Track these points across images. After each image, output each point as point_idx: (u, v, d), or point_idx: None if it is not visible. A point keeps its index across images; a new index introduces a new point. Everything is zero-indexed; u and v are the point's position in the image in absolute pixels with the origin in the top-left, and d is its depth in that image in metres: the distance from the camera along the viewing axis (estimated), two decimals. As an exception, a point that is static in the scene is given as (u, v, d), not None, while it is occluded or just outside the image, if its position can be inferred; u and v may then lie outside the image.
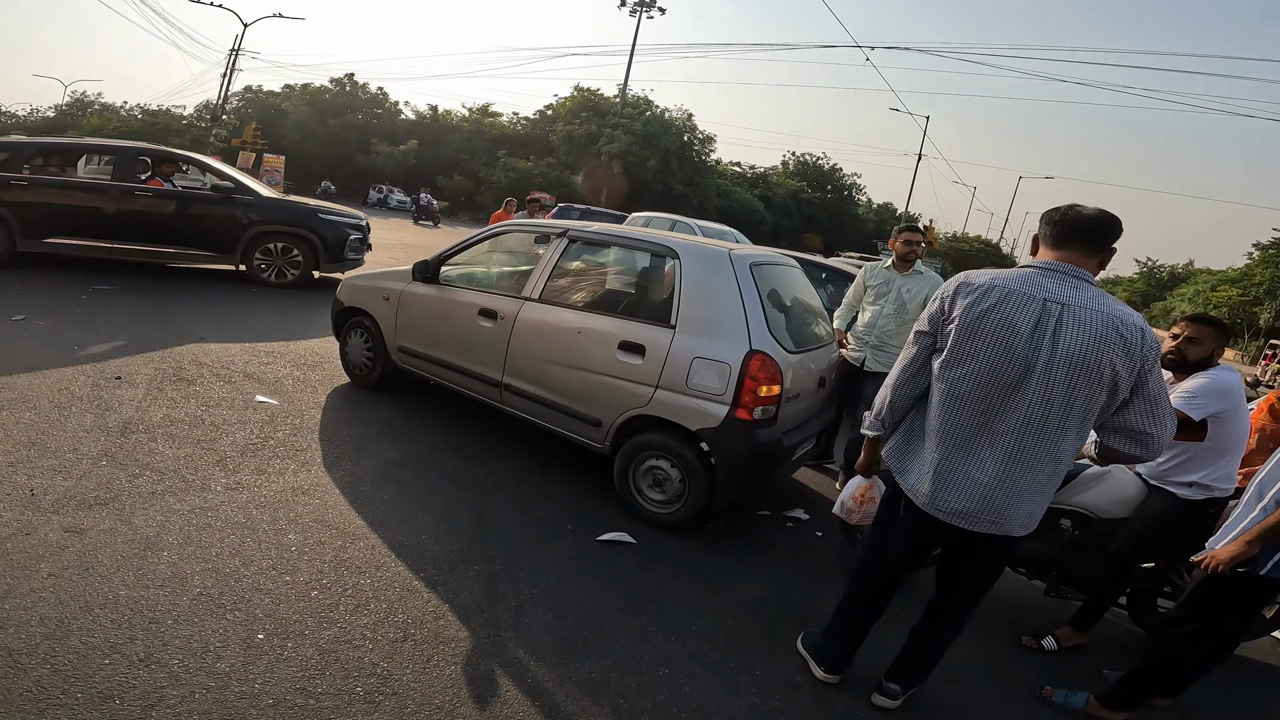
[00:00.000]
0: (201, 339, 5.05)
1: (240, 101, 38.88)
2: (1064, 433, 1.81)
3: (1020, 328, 1.76)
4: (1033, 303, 1.77)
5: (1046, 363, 1.75)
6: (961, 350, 1.84)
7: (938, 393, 1.93)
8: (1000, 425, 1.84)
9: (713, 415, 3.03)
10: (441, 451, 3.75)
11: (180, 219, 7.02)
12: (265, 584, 2.37)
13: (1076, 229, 1.83)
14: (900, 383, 2.02)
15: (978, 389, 1.84)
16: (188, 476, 3.02)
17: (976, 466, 1.88)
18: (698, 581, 2.88)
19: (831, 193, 45.63)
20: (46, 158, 6.98)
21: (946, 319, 1.89)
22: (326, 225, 7.61)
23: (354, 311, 4.53)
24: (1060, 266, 1.82)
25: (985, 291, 1.82)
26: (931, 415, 1.96)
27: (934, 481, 1.94)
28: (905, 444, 2.09)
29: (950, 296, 1.89)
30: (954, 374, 1.87)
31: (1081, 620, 2.85)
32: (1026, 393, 1.78)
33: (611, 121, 31.05)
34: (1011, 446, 1.84)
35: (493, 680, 2.11)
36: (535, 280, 3.66)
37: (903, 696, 2.26)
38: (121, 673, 1.88)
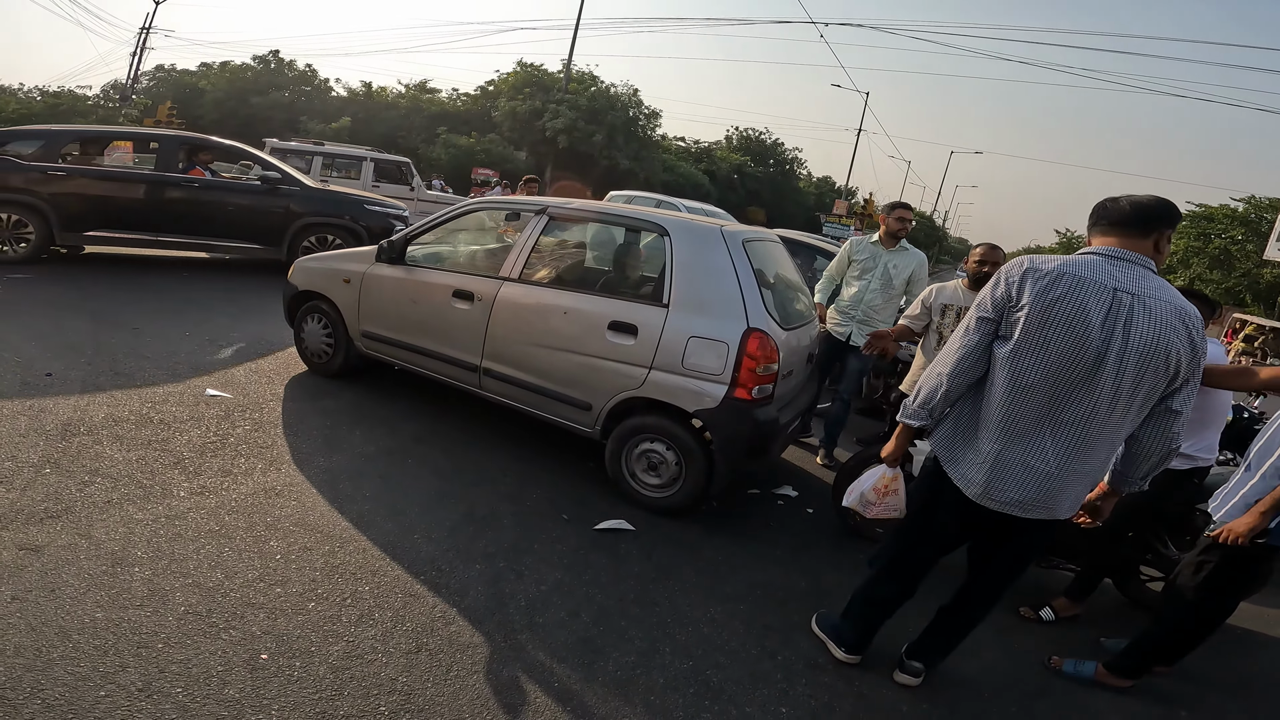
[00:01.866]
0: (136, 329, 4.64)
1: (152, 81, 36.79)
2: (1125, 421, 1.81)
3: (1093, 318, 1.72)
4: (1104, 292, 1.73)
5: (1119, 354, 1.72)
6: (1032, 339, 1.77)
7: (1000, 381, 1.84)
8: (1065, 415, 1.80)
9: (710, 396, 2.95)
10: (420, 442, 3.55)
11: (228, 211, 6.68)
12: (256, 597, 2.18)
13: (1120, 211, 1.82)
14: (959, 370, 1.89)
15: (1046, 379, 1.78)
16: (144, 482, 2.75)
17: (1037, 456, 1.84)
18: (703, 566, 2.83)
19: (774, 167, 45.97)
20: (83, 146, 6.52)
21: (1015, 305, 1.80)
22: (372, 216, 7.34)
23: (309, 296, 4.24)
24: (1124, 253, 1.79)
25: (1056, 278, 1.75)
26: (992, 404, 1.87)
27: (990, 473, 1.89)
28: (954, 433, 2.00)
29: (1018, 282, 1.80)
30: (1022, 363, 1.79)
31: (1076, 591, 2.92)
32: (1097, 383, 1.75)
33: (556, 97, 30.28)
34: (1075, 436, 1.81)
35: (518, 687, 2.00)
36: (514, 259, 3.48)
37: (924, 674, 2.27)
38: (122, 706, 1.69)
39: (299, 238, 6.94)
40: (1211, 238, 29.21)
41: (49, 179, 6.05)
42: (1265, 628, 3.12)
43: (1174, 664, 2.51)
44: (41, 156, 6.11)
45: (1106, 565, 2.93)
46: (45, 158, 6.12)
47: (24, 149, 6.13)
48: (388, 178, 13.28)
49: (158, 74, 37.57)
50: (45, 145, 6.17)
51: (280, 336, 4.81)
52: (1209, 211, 30.09)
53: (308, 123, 31.62)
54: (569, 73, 30.26)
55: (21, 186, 5.97)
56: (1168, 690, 2.52)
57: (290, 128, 31.09)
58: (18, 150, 6.12)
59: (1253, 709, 2.54)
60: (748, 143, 46.21)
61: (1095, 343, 1.72)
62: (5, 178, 5.93)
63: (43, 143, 6.19)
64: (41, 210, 6.06)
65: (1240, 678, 2.72)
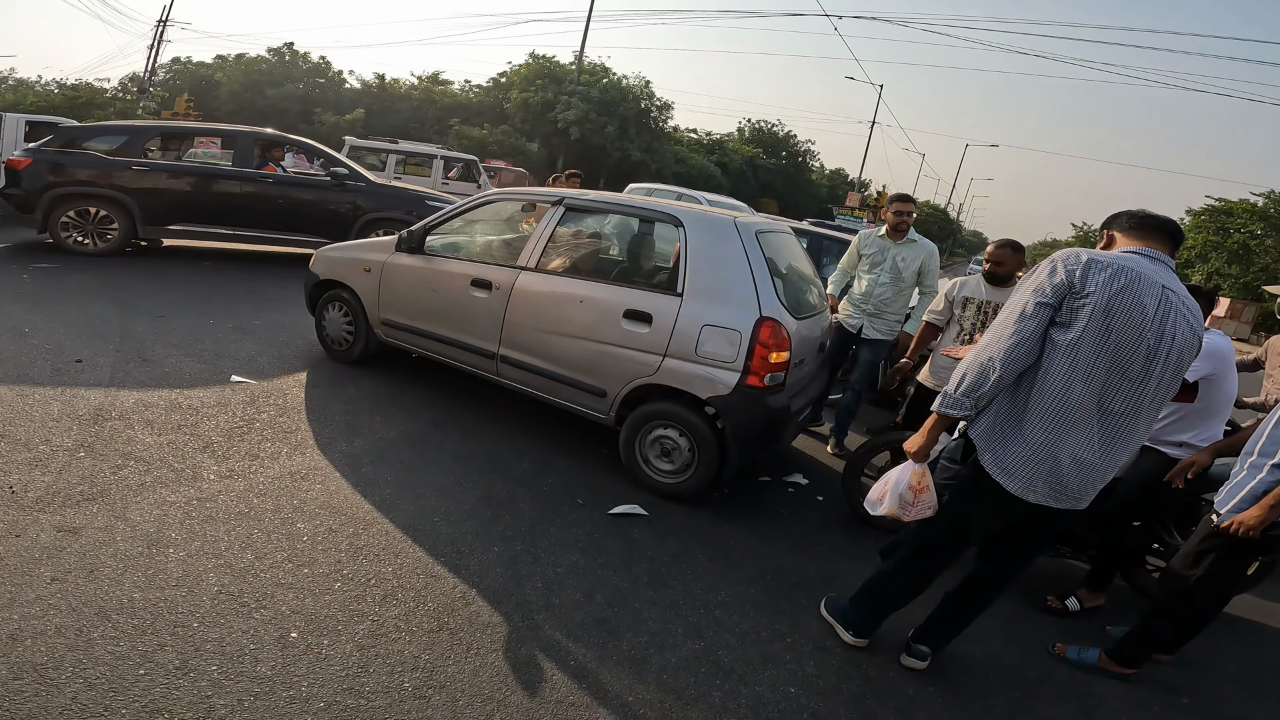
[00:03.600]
0: (161, 317, 4.75)
1: (169, 74, 37.10)
2: (1156, 414, 1.90)
3: (1149, 312, 1.75)
4: (1155, 288, 1.77)
5: (1167, 350, 1.78)
6: (1095, 329, 1.76)
7: (1060, 369, 1.81)
8: (1113, 406, 1.83)
9: (723, 383, 3.00)
10: (438, 428, 3.63)
11: (299, 206, 6.91)
12: (284, 578, 2.26)
13: (1155, 222, 1.91)
14: (1014, 356, 1.82)
15: (1104, 369, 1.79)
16: (176, 465, 2.84)
17: (1085, 448, 1.86)
18: (715, 551, 2.89)
19: (786, 159, 45.77)
20: (165, 141, 6.80)
21: (1077, 294, 1.78)
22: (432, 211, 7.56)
23: (330, 284, 4.32)
24: (1160, 255, 1.86)
25: (1117, 271, 1.76)
26: (1045, 392, 1.84)
27: (1036, 465, 1.88)
28: (995, 424, 1.94)
29: (1080, 270, 1.78)
30: (1085, 352, 1.78)
31: (1096, 582, 2.93)
32: (1148, 376, 1.80)
33: (568, 89, 30.30)
34: (1120, 428, 1.86)
35: (536, 665, 2.07)
36: (532, 249, 3.54)
37: (930, 657, 2.32)
38: (161, 683, 1.76)
39: (365, 231, 7.11)
40: (1230, 232, 28.74)
41: (133, 174, 6.25)
42: (1267, 619, 3.14)
43: (1174, 652, 2.55)
44: (125, 151, 6.32)
45: (1113, 554, 2.95)
46: (129, 153, 6.34)
47: (108, 144, 6.36)
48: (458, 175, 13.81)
49: (174, 67, 37.74)
50: (129, 140, 6.40)
51: (302, 325, 4.91)
52: (1228, 206, 29.59)
53: (322, 114, 31.74)
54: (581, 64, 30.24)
55: (108, 181, 6.18)
56: (1169, 679, 2.55)
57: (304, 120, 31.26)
58: (101, 146, 6.33)
59: (1254, 698, 2.55)
60: (760, 135, 45.99)
61: (1150, 336, 1.76)
62: (92, 173, 6.14)
63: (126, 138, 6.43)
64: (126, 204, 6.27)
65: (1242, 667, 2.74)
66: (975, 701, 2.24)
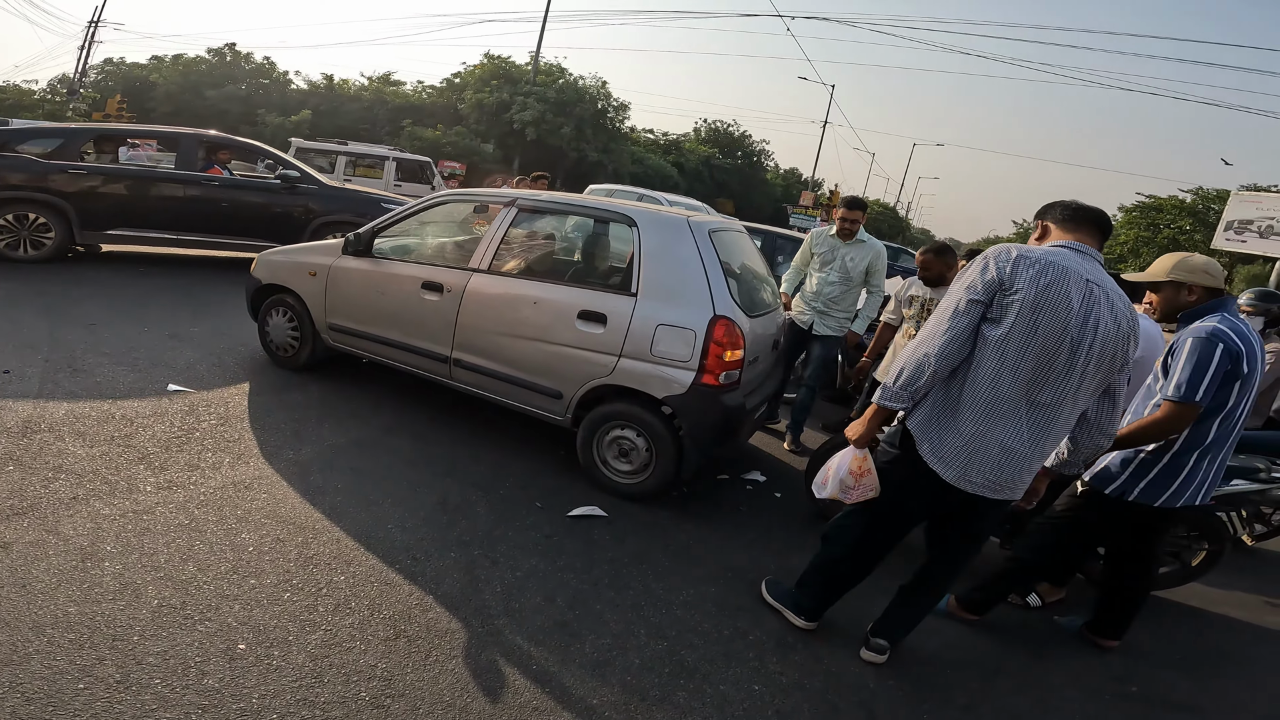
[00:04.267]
0: (92, 325, 4.52)
1: (101, 75, 35.69)
2: (1080, 405, 1.95)
3: (1074, 306, 1.81)
4: (1080, 282, 1.83)
5: (1090, 342, 1.84)
6: (1023, 323, 1.82)
7: (989, 363, 1.88)
8: (1040, 398, 1.89)
9: (679, 382, 3.01)
10: (390, 433, 3.55)
11: (247, 209, 6.66)
12: (230, 589, 2.18)
13: (1088, 214, 1.98)
14: (949, 353, 1.89)
15: (1031, 362, 1.85)
16: (110, 478, 2.71)
17: (1014, 438, 1.92)
18: (675, 550, 2.89)
19: (742, 159, 46.26)
20: (102, 144, 6.43)
21: (1007, 290, 1.84)
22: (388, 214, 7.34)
23: (273, 289, 4.19)
24: (1088, 249, 1.92)
25: (1045, 266, 1.82)
26: (976, 386, 1.91)
27: (969, 455, 1.94)
28: (931, 416, 2.01)
29: (1009, 267, 1.85)
30: (1013, 347, 1.85)
31: (1056, 576, 3.00)
32: (1072, 369, 1.86)
33: (524, 89, 30.09)
34: (1047, 419, 1.92)
35: (497, 670, 2.04)
36: (484, 251, 3.49)
37: (889, 651, 2.36)
38: (102, 697, 1.69)
39: (318, 234, 6.89)
40: (1160, 228, 30.21)
41: (70, 177, 5.94)
42: (1210, 605, 3.25)
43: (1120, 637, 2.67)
44: (61, 155, 5.99)
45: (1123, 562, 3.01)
46: (65, 156, 6.00)
47: (41, 148, 6.02)
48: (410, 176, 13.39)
49: (107, 68, 36.51)
50: (65, 143, 6.06)
51: (244, 331, 4.74)
52: (1158, 203, 31.09)
53: (266, 115, 30.89)
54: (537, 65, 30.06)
55: (43, 185, 5.86)
56: (1118, 667, 2.62)
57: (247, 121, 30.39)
58: (35, 149, 6.00)
59: (1199, 683, 2.63)
60: (716, 135, 46.40)
61: (1075, 330, 1.82)
62: (25, 176, 5.81)
63: (62, 141, 6.08)
64: (62, 210, 5.95)
65: (1187, 654, 2.82)
66: (935, 693, 2.29)
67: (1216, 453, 2.33)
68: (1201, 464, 2.33)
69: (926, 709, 2.20)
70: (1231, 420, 2.29)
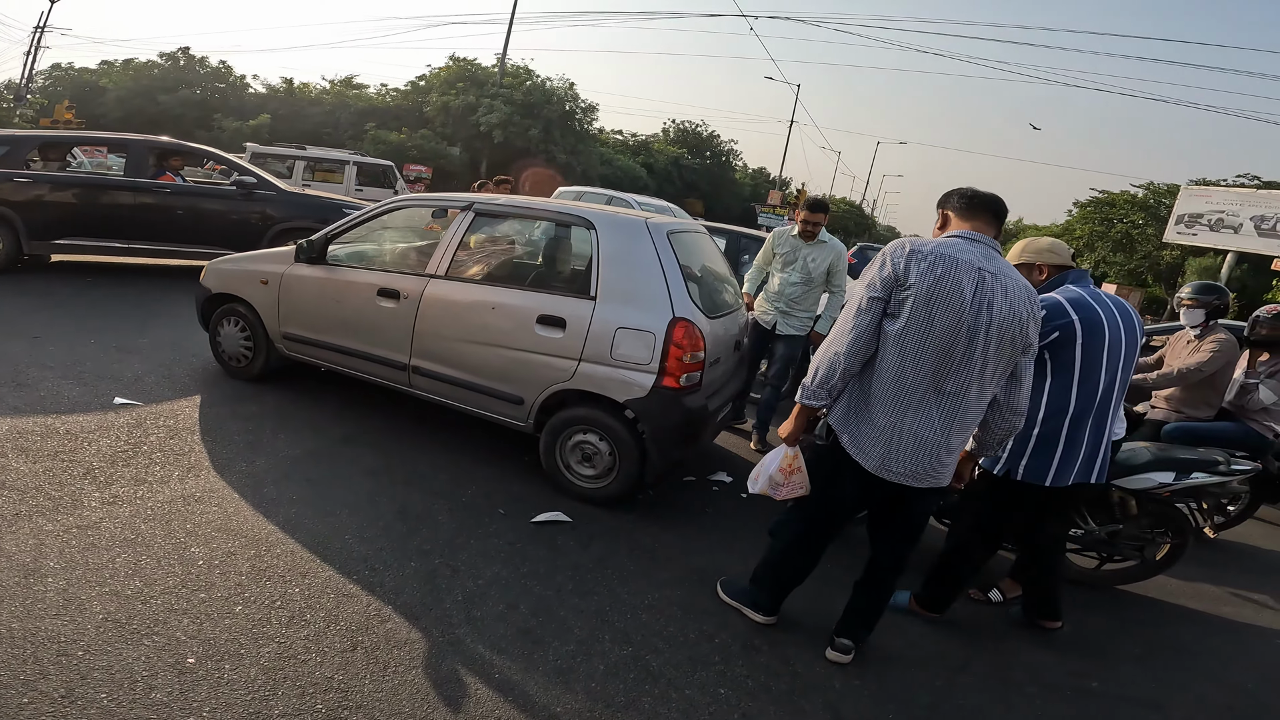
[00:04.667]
0: (36, 337, 4.36)
1: (49, 80, 34.63)
2: (989, 390, 2.02)
3: (966, 295, 1.89)
4: (972, 271, 1.90)
5: (986, 328, 1.91)
6: (919, 316, 1.90)
7: (891, 357, 1.97)
8: (946, 386, 1.96)
9: (640, 385, 3.00)
10: (349, 443, 3.49)
11: (202, 216, 6.52)
12: (178, 604, 2.13)
13: (982, 202, 2.06)
14: (856, 350, 1.99)
15: (931, 353, 1.92)
16: (53, 493, 2.63)
17: (926, 427, 1.99)
18: (641, 554, 2.88)
19: (711, 159, 46.47)
20: (48, 151, 6.25)
21: (902, 285, 1.92)
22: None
23: (224, 298, 4.08)
24: (981, 237, 2.00)
25: (936, 259, 1.90)
26: (882, 380, 1.99)
27: (886, 445, 2.02)
28: (849, 410, 2.10)
29: (904, 263, 1.93)
30: (911, 340, 1.93)
31: (1019, 572, 3.01)
32: (972, 356, 1.92)
33: (490, 91, 29.81)
34: (955, 406, 1.98)
35: (458, 680, 2.01)
36: (440, 256, 3.44)
37: (854, 650, 2.39)
38: (47, 712, 1.66)
39: (276, 241, 6.73)
40: (1114, 222, 31.10)
41: (16, 186, 5.74)
42: (1168, 597, 3.30)
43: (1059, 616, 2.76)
44: (6, 163, 5.78)
45: (1035, 544, 3.00)
46: (10, 164, 5.79)
47: None
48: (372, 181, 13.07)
49: (54, 73, 35.46)
50: (10, 151, 5.85)
51: (194, 341, 4.61)
52: (1111, 197, 32.00)
53: (223, 120, 30.21)
54: (504, 66, 29.84)
55: None
56: (1077, 663, 2.64)
57: (202, 126, 29.72)
58: None
59: (1159, 677, 2.65)
60: (685, 135, 46.53)
61: (969, 318, 1.89)
62: None
63: (7, 149, 5.87)
64: (9, 219, 5.75)
65: (1146, 648, 2.84)
66: (901, 692, 2.30)
67: (1088, 422, 2.36)
68: (1078, 435, 2.36)
69: (891, 709, 2.21)
70: (1092, 384, 2.33)
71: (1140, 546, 3.13)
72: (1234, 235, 22.84)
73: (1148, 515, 3.08)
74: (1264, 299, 19.02)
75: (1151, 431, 3.92)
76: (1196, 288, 3.92)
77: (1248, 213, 22.58)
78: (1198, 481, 2.95)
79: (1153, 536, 3.11)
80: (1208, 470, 2.97)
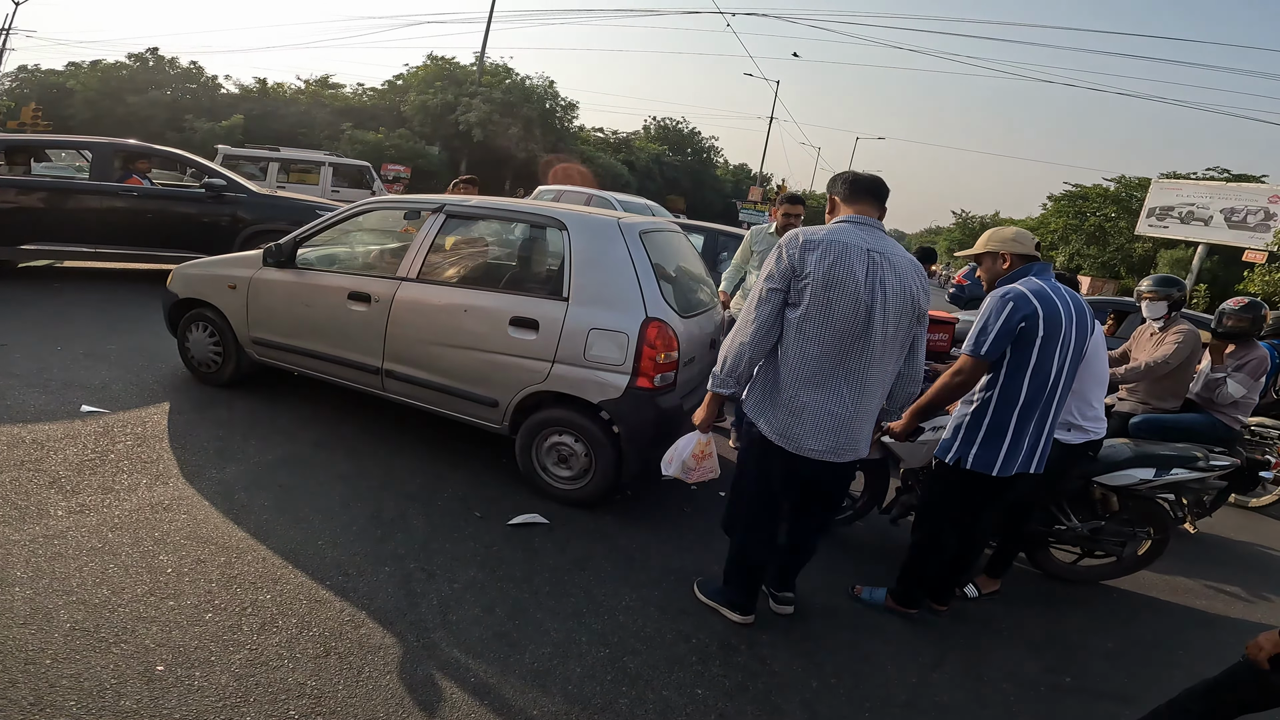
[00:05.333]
0: (2, 345, 4.27)
1: (15, 82, 33.98)
2: (891, 361, 2.17)
3: (859, 278, 2.02)
4: (862, 254, 2.04)
5: (881, 306, 2.05)
6: (817, 303, 2.03)
7: (796, 343, 2.09)
8: (851, 364, 2.09)
9: (614, 386, 3.00)
10: (321, 448, 3.46)
11: (170, 220, 6.42)
12: (146, 612, 2.11)
13: (864, 185, 2.19)
14: (760, 339, 2.11)
15: (833, 336, 2.05)
16: (19, 503, 2.59)
17: (837, 404, 2.12)
18: (618, 555, 2.88)
19: (692, 156, 46.54)
20: (11, 155, 6.11)
21: (799, 276, 2.05)
22: None
23: (192, 303, 4.03)
24: (866, 220, 2.14)
25: (827, 247, 2.02)
26: (790, 364, 2.11)
27: (801, 425, 2.14)
28: (763, 395, 2.21)
29: (798, 254, 2.05)
30: (812, 324, 2.05)
31: (995, 568, 3.07)
32: (871, 333, 2.06)
33: (469, 90, 29.64)
34: (860, 381, 2.12)
35: (433, 685, 2.01)
36: (412, 259, 3.42)
37: (794, 599, 2.63)
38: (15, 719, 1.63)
39: (249, 244, 6.62)
40: (1087, 216, 31.60)
41: None
42: (1142, 590, 3.34)
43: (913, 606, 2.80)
44: None
45: (1014, 541, 3.06)
46: None
47: None
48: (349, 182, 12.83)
49: (20, 75, 34.76)
50: None
51: (164, 347, 4.53)
52: (1084, 191, 32.52)
53: (194, 121, 29.71)
54: (482, 65, 29.66)
55: None
56: (1053, 662, 2.66)
57: (173, 127, 29.24)
58: None
59: (1133, 673, 2.66)
60: (666, 132, 46.55)
61: (865, 299, 2.03)
62: None
63: None
64: None
65: (1120, 643, 2.86)
66: (876, 690, 2.32)
67: (1034, 414, 2.39)
68: (1025, 426, 2.39)
69: (868, 707, 2.23)
70: (1043, 378, 2.34)
71: (1122, 542, 3.14)
72: (1204, 228, 23.29)
73: (1129, 511, 3.11)
74: (1235, 290, 19.38)
75: (1119, 424, 3.98)
76: (1156, 280, 3.97)
77: (1218, 205, 23.04)
78: (1178, 477, 2.98)
79: (1134, 533, 3.12)
80: (1188, 466, 3.00)
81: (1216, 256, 24.50)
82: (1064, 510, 3.15)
